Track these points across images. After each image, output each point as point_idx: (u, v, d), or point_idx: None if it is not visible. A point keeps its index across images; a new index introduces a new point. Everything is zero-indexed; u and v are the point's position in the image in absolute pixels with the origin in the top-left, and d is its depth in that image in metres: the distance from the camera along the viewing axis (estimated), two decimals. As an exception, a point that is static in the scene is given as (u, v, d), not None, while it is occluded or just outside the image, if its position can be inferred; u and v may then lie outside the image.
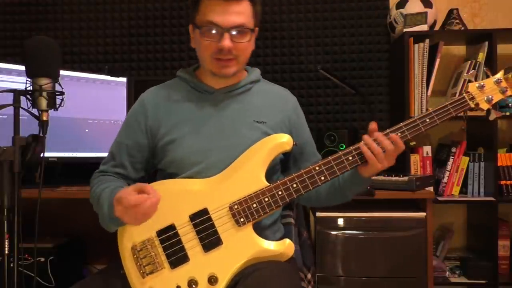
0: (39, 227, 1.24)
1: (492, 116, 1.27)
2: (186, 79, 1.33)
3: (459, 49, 2.40)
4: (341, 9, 2.43)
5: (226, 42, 1.19)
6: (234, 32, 1.20)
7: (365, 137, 1.16)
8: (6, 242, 1.14)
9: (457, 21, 2.21)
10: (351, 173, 1.22)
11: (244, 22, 1.20)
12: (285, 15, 2.44)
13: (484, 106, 1.21)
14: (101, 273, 1.30)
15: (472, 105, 1.20)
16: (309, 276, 1.55)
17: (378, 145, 1.14)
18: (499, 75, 1.22)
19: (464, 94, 1.22)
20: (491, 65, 2.07)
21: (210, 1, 1.19)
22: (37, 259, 1.94)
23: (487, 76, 1.25)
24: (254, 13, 1.24)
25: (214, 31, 1.19)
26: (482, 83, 1.21)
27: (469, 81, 1.25)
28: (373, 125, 1.18)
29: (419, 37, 2.13)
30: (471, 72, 1.25)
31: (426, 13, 2.14)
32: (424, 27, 2.13)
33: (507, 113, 2.10)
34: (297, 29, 2.44)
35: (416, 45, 2.13)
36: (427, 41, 2.13)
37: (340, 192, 1.28)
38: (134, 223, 1.14)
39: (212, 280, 1.12)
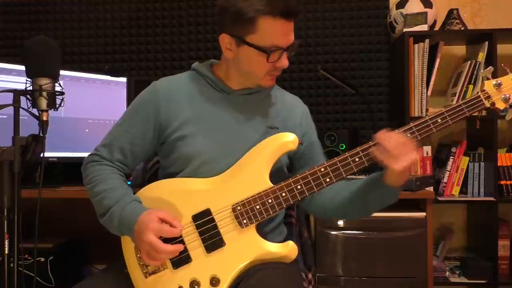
0: (39, 227, 1.24)
1: (508, 116, 1.20)
2: (203, 74, 1.28)
3: (459, 49, 2.40)
4: (341, 9, 2.43)
5: (286, 62, 1.19)
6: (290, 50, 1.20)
7: (375, 136, 1.10)
8: (6, 242, 1.14)
9: (457, 21, 2.21)
10: (373, 182, 1.16)
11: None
12: (285, 15, 2.44)
13: (501, 105, 1.15)
14: (103, 272, 1.29)
15: (488, 105, 1.15)
16: (309, 276, 1.55)
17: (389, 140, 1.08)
18: None
19: (480, 93, 1.15)
20: (491, 65, 2.06)
21: (272, 22, 1.13)
22: (37, 259, 1.94)
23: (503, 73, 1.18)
24: None
25: (275, 53, 1.16)
26: (499, 81, 1.15)
27: (485, 78, 1.18)
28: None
29: (419, 37, 2.13)
30: (488, 68, 1.20)
31: (426, 13, 2.14)
32: (424, 27, 2.13)
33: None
34: (297, 29, 2.43)
35: (416, 45, 2.13)
36: (427, 41, 2.13)
37: (363, 205, 1.20)
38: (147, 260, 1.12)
39: (214, 281, 1.11)
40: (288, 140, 1.19)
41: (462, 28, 2.20)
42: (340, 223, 1.82)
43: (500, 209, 2.07)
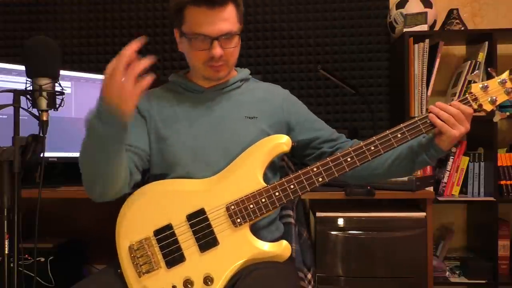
0: (39, 227, 1.24)
1: (496, 118, 1.24)
2: (177, 82, 1.36)
3: (459, 49, 2.40)
4: (341, 9, 2.43)
5: (217, 51, 1.20)
6: (223, 40, 1.21)
7: (431, 106, 1.17)
8: (6, 242, 1.14)
9: (457, 21, 2.21)
10: (429, 146, 1.20)
11: (231, 29, 1.21)
12: (285, 15, 2.44)
13: (488, 107, 1.19)
14: (100, 273, 1.30)
15: (475, 106, 1.18)
16: (309, 276, 1.55)
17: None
18: (504, 75, 1.19)
19: (467, 95, 1.19)
20: (491, 65, 2.07)
21: (195, 10, 1.19)
22: (37, 259, 1.94)
23: (490, 77, 1.21)
24: (238, 15, 1.25)
25: (203, 41, 1.20)
26: (486, 84, 1.18)
27: (473, 81, 1.21)
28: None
29: (419, 37, 2.13)
30: (475, 72, 1.23)
31: (426, 13, 2.14)
32: (424, 27, 2.13)
33: (507, 113, 2.09)
34: (297, 29, 2.44)
35: (416, 45, 2.13)
36: (427, 41, 2.13)
37: (410, 165, 1.25)
38: (118, 97, 1.08)
39: (208, 280, 1.12)
40: (281, 141, 1.21)
41: (462, 28, 2.20)
42: (340, 223, 1.82)
43: (500, 209, 2.07)
